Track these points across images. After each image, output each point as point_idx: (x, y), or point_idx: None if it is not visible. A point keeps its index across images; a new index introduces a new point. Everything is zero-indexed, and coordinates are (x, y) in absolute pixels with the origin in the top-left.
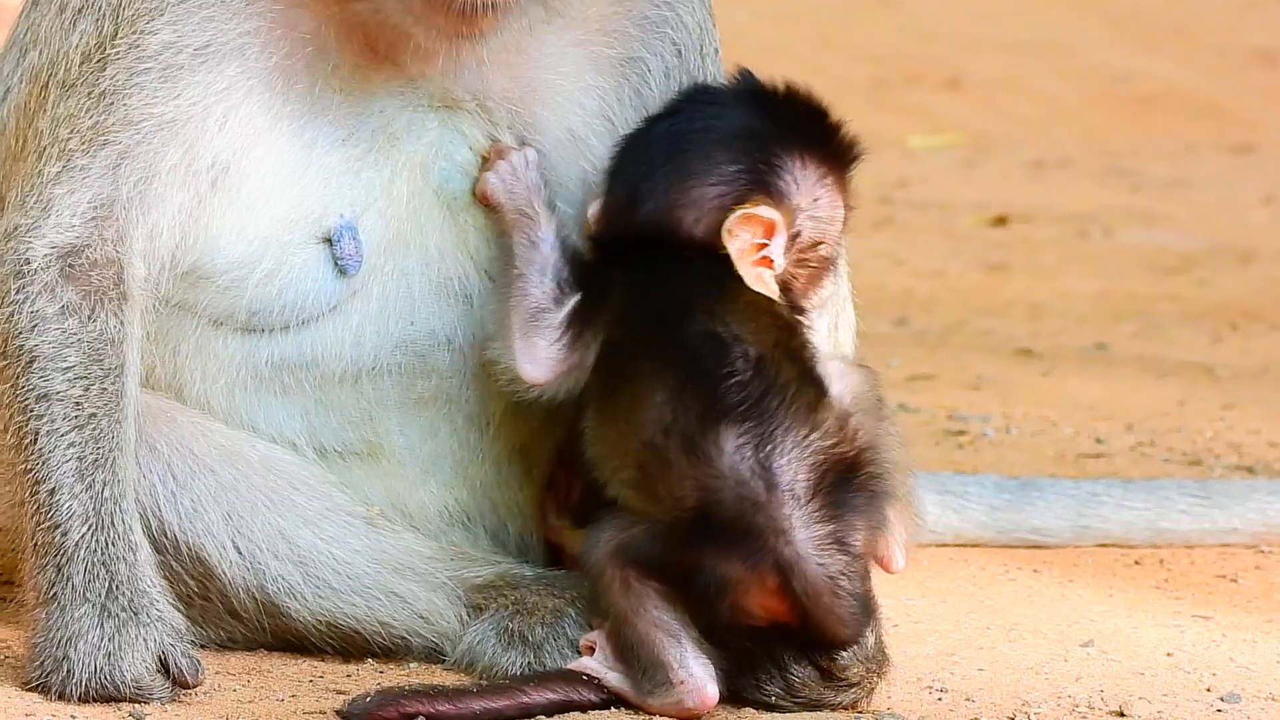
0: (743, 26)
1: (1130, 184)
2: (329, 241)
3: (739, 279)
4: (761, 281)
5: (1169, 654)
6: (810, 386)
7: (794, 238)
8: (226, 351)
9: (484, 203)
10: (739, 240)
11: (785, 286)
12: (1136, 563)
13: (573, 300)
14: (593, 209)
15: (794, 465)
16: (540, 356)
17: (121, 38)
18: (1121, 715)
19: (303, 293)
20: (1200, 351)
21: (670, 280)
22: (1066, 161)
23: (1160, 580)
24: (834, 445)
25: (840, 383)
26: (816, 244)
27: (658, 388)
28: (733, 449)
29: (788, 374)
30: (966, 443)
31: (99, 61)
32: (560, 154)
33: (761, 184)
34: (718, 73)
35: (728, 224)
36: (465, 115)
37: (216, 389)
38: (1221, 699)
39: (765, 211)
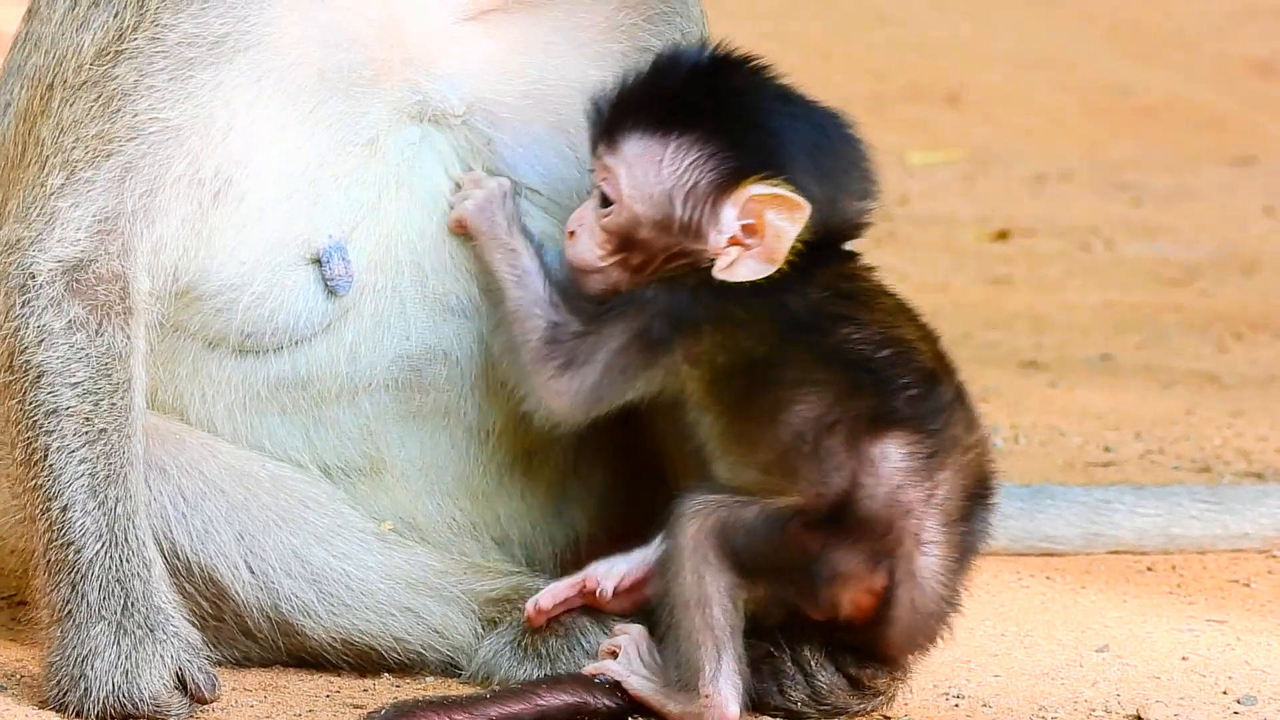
0: (744, 42)
1: (1131, 196)
2: (318, 262)
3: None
4: None
5: (1184, 658)
6: (967, 405)
7: None
8: (223, 373)
9: (459, 232)
10: None
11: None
12: (1149, 569)
13: (578, 327)
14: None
15: (950, 484)
16: (565, 390)
17: (143, 30)
18: (1139, 719)
19: (294, 314)
20: (1206, 361)
21: (808, 287)
22: (1067, 175)
23: (1173, 585)
24: (978, 462)
25: None
26: None
27: (812, 394)
28: (899, 458)
29: (951, 391)
30: None
31: (114, 55)
32: (555, 163)
33: None
34: None
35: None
36: (447, 132)
37: (217, 410)
38: (1238, 701)
39: None
